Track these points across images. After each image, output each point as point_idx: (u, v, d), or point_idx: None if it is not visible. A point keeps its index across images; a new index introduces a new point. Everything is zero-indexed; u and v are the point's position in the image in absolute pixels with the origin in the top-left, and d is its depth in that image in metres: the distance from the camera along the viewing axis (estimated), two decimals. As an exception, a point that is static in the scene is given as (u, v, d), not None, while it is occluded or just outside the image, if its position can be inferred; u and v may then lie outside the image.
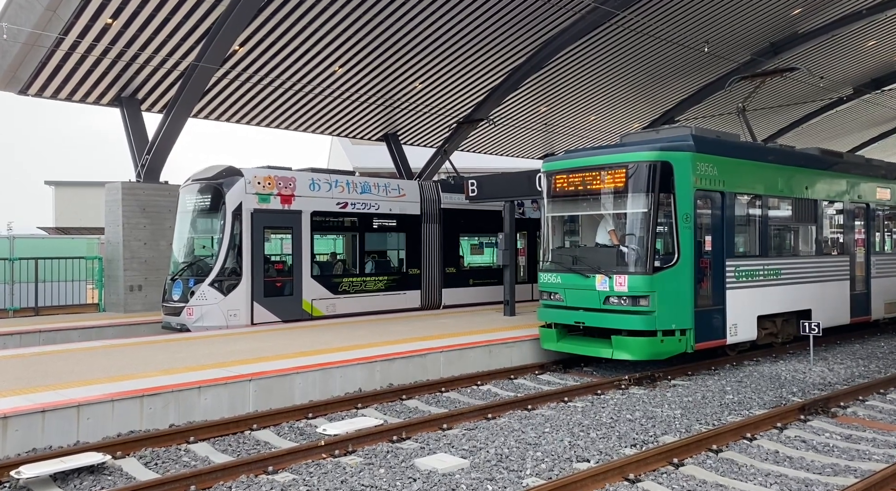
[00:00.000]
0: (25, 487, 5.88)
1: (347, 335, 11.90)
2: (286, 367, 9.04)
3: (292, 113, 21.16)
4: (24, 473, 5.82)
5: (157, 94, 17.60)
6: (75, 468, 6.12)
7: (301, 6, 15.83)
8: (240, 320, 13.32)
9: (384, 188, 16.03)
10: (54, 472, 5.99)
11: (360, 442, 7.01)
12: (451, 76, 20.88)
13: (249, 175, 13.63)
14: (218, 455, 6.84)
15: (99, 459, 6.25)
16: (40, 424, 6.85)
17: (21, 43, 14.17)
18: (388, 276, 16.14)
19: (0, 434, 6.59)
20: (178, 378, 8.32)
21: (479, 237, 19.16)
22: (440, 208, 17.16)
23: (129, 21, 14.52)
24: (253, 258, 13.47)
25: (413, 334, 12.00)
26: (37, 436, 6.81)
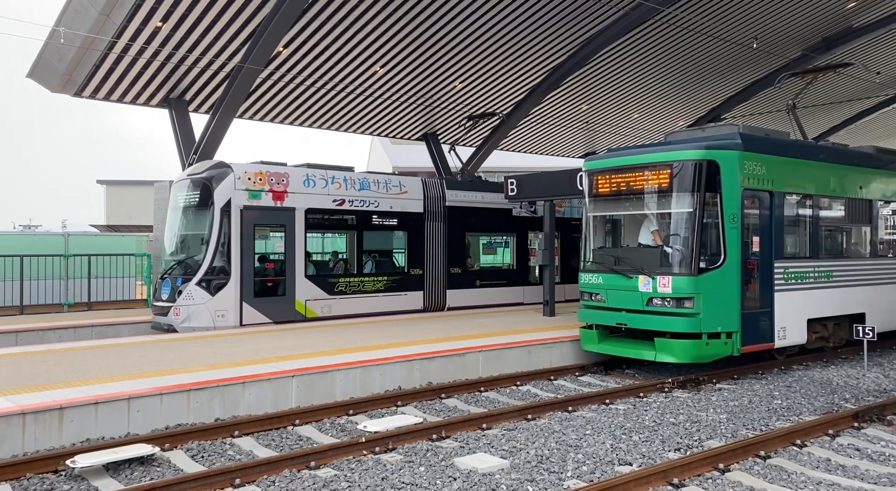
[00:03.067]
0: (80, 476, 6.08)
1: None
2: (328, 363, 9.15)
3: (334, 113, 21.38)
4: (79, 463, 6.03)
5: (204, 95, 17.99)
6: (126, 459, 6.31)
7: (343, 8, 15.98)
8: (228, 321, 12.82)
9: (384, 185, 15.41)
10: (107, 462, 6.19)
11: (401, 440, 7.04)
12: (490, 75, 20.81)
13: (239, 170, 13.19)
14: (261, 449, 6.97)
15: (148, 451, 6.43)
16: (94, 415, 7.08)
17: (76, 47, 14.66)
18: (389, 276, 15.47)
19: (57, 424, 6.83)
20: (224, 373, 8.49)
21: (487, 236, 18.42)
22: (445, 206, 16.46)
23: (178, 24, 14.88)
24: (242, 257, 12.98)
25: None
26: (90, 427, 7.04)
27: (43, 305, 16.48)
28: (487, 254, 18.73)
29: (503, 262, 18.72)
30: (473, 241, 18.02)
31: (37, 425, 6.71)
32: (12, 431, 6.56)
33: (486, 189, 17.45)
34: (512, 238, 18.12)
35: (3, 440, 6.50)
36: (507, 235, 18.30)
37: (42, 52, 15.19)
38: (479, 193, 17.20)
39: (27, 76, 15.70)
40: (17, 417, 6.60)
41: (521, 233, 18.06)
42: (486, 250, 18.64)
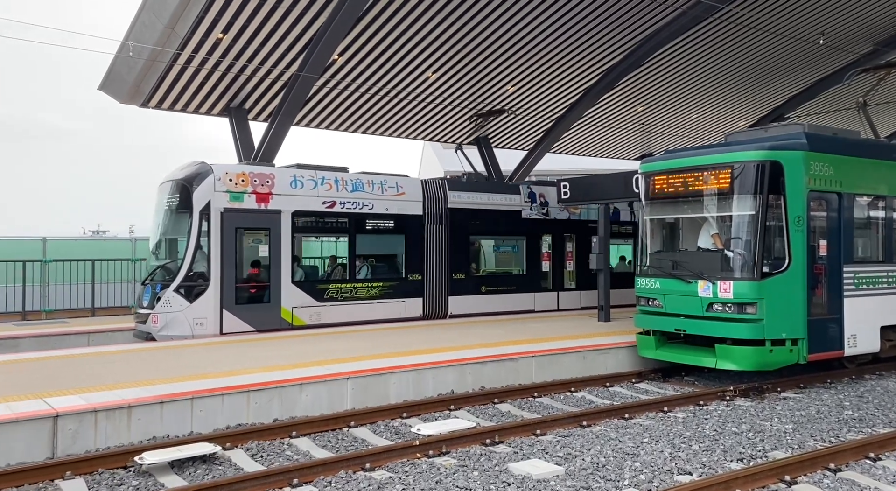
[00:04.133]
0: (147, 473, 6.32)
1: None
2: (382, 366, 9.24)
3: (387, 119, 21.64)
4: (147, 459, 6.27)
5: (263, 104, 18.49)
6: (190, 457, 6.52)
7: (396, 15, 16.18)
8: (207, 330, 12.25)
9: (380, 186, 14.61)
10: (172, 459, 6.41)
11: (454, 444, 7.04)
12: (543, 78, 20.67)
13: (220, 171, 12.63)
14: (318, 450, 7.09)
15: (210, 450, 6.63)
16: (159, 413, 7.35)
17: (143, 59, 15.31)
18: (384, 282, 14.66)
19: (126, 422, 7.13)
20: (282, 375, 8.68)
21: (494, 239, 17.35)
22: (447, 208, 15.54)
23: (238, 35, 15.35)
24: (223, 262, 12.38)
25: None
26: (156, 425, 7.32)
27: (113, 307, 17.23)
28: (494, 258, 17.59)
29: (512, 267, 17.58)
30: (479, 244, 17.05)
31: (108, 422, 7.02)
32: (85, 427, 6.88)
33: (493, 190, 16.61)
34: (522, 242, 17.07)
35: (78, 436, 6.82)
36: (516, 239, 17.20)
37: (112, 66, 15.92)
38: (484, 194, 16.24)
39: (99, 89, 16.48)
40: (90, 415, 6.92)
41: (533, 236, 17.03)
42: (492, 255, 17.52)
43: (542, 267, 17.09)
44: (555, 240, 17.26)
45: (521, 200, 16.66)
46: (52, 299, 16.31)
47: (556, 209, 17.05)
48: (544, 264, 17.11)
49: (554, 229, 17.22)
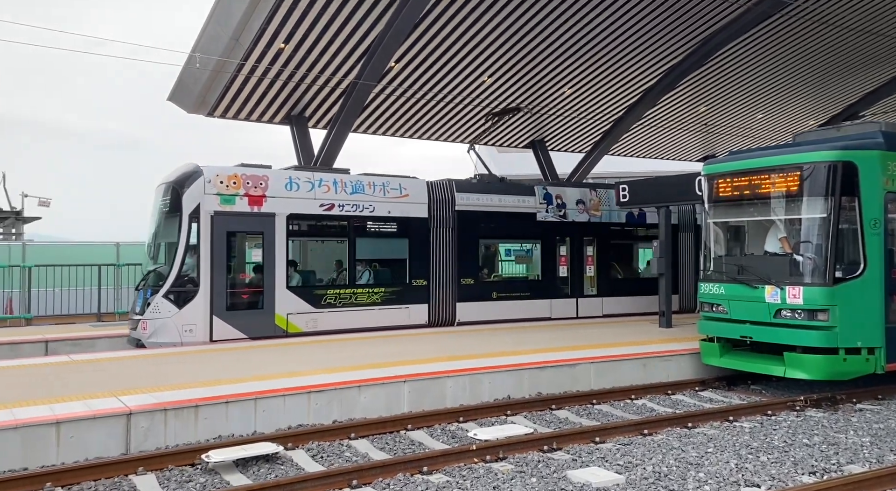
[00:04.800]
0: (214, 470, 6.53)
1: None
2: (438, 370, 9.27)
3: (442, 124, 21.78)
4: (213, 458, 6.48)
5: (322, 112, 18.91)
6: (254, 456, 6.70)
7: (452, 21, 16.27)
8: (196, 337, 11.86)
9: (381, 188, 13.96)
10: (237, 458, 6.60)
11: (511, 449, 7.00)
12: (601, 79, 20.39)
13: (210, 173, 12.22)
14: (376, 452, 7.17)
15: (273, 449, 6.80)
16: (224, 413, 7.59)
17: (209, 70, 15.91)
18: (386, 287, 13.98)
19: (193, 420, 7.39)
20: (340, 377, 8.82)
21: (507, 243, 16.66)
22: (454, 211, 14.76)
23: (299, 45, 15.76)
24: (213, 267, 11.98)
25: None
26: (221, 424, 7.55)
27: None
28: (507, 263, 16.86)
29: (526, 272, 16.85)
30: (490, 248, 16.41)
31: (177, 421, 7.29)
32: (156, 425, 7.16)
33: (505, 191, 15.78)
34: (537, 245, 16.26)
35: (149, 433, 7.11)
36: (531, 242, 16.46)
37: (180, 77, 16.59)
38: (496, 196, 15.42)
39: (168, 99, 17.20)
40: (161, 413, 7.21)
41: (549, 239, 16.09)
42: (505, 259, 16.80)
43: (560, 272, 16.21)
44: (573, 243, 16.34)
45: (535, 202, 15.81)
46: (124, 301, 17.06)
47: (574, 211, 16.32)
48: (561, 269, 16.23)
49: (572, 232, 16.33)
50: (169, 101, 17.20)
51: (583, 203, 16.39)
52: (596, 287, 16.57)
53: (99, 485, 6.12)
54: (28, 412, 6.85)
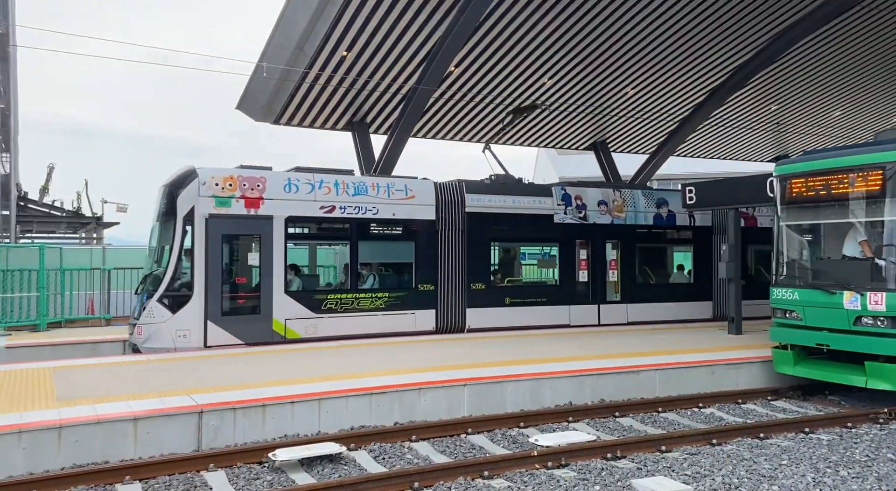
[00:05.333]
0: (280, 469, 6.71)
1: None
2: (498, 374, 9.23)
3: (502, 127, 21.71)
4: (279, 456, 6.65)
5: (383, 117, 19.19)
6: (318, 456, 6.84)
7: (511, 24, 16.24)
8: (190, 342, 11.60)
9: (386, 189, 13.46)
10: (301, 457, 6.76)
11: (573, 456, 6.90)
12: (667, 78, 19.89)
13: (205, 176, 12.01)
14: (437, 455, 7.19)
15: (336, 450, 6.93)
16: (290, 413, 7.78)
17: (275, 79, 16.40)
18: (391, 292, 13.52)
19: (260, 420, 7.61)
20: (401, 379, 8.90)
21: (521, 246, 15.84)
22: (464, 212, 14.16)
23: (361, 52, 16.06)
24: (208, 271, 11.74)
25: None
26: (287, 423, 7.75)
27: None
28: (521, 267, 16.07)
29: (543, 276, 16.18)
30: (502, 252, 15.70)
31: (245, 419, 7.52)
32: (226, 423, 7.41)
33: (520, 192, 15.03)
34: (555, 249, 15.53)
35: (219, 431, 7.36)
36: (548, 245, 15.76)
37: (248, 86, 17.17)
38: (509, 197, 14.70)
39: (236, 108, 17.83)
40: (230, 412, 7.45)
41: (567, 243, 15.30)
42: (519, 263, 15.99)
43: (580, 277, 15.35)
44: (595, 247, 15.50)
45: (553, 203, 15.04)
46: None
47: (595, 213, 15.49)
48: (581, 274, 15.35)
49: (594, 235, 15.49)
50: (237, 109, 17.82)
51: (605, 204, 15.58)
52: (620, 293, 15.73)
53: (173, 480, 6.38)
54: (108, 408, 7.22)
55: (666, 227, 16.42)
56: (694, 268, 16.71)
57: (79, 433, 6.70)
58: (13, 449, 6.42)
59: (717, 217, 16.63)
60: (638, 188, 16.51)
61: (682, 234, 16.58)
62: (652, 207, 16.10)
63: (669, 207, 16.21)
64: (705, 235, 16.58)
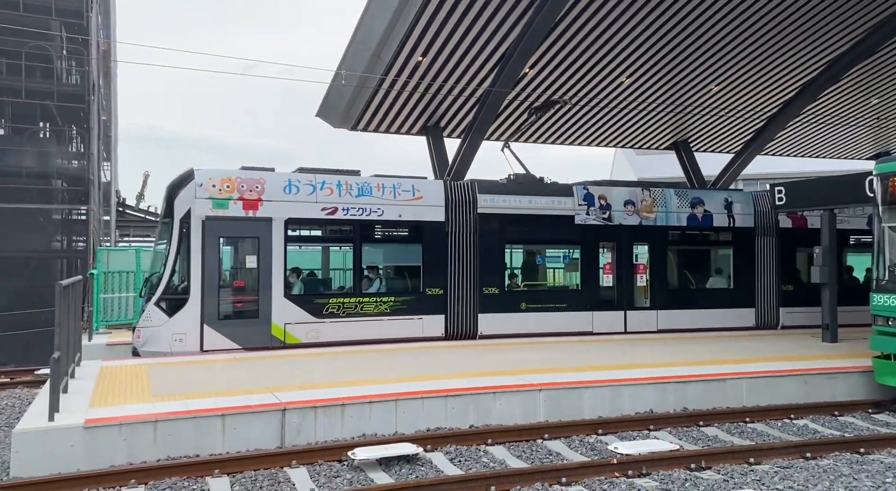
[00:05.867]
0: (359, 467, 6.84)
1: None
2: (575, 380, 9.08)
3: (578, 128, 21.38)
4: (358, 455, 6.79)
5: (457, 121, 19.28)
6: (395, 456, 6.93)
7: (590, 22, 15.95)
8: (186, 346, 11.47)
9: (391, 190, 13.05)
10: (380, 457, 6.87)
11: (655, 465, 6.69)
12: (753, 74, 19.01)
13: (202, 177, 11.85)
14: (513, 459, 7.14)
15: (413, 450, 7.00)
16: (368, 413, 7.93)
17: (353, 86, 16.79)
18: (397, 296, 13.06)
19: (339, 418, 7.79)
20: (476, 382, 8.90)
21: (539, 249, 14.95)
22: (476, 213, 13.63)
23: (436, 56, 16.20)
24: (204, 274, 11.58)
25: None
26: (365, 423, 7.89)
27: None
28: (538, 271, 15.15)
29: (563, 280, 15.29)
30: (518, 255, 14.94)
31: (325, 418, 7.72)
32: (307, 421, 7.63)
33: (538, 192, 14.33)
34: (575, 251, 14.75)
35: (301, 429, 7.59)
36: (567, 248, 14.94)
37: (327, 94, 17.66)
38: (525, 197, 14.08)
39: (316, 115, 18.36)
40: (311, 410, 7.67)
41: (590, 244, 14.54)
42: (536, 266, 15.12)
43: (604, 281, 14.63)
44: (620, 249, 14.70)
45: (573, 204, 14.35)
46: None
47: (621, 213, 14.64)
48: (606, 278, 14.63)
49: (619, 237, 14.68)
50: (317, 117, 18.36)
51: (632, 204, 14.74)
52: (649, 299, 14.85)
53: (258, 475, 6.62)
54: (198, 404, 7.58)
55: (702, 229, 15.42)
56: (733, 272, 15.73)
57: (172, 427, 7.07)
58: (114, 440, 6.84)
59: (759, 217, 15.69)
60: (669, 188, 15.68)
61: (720, 236, 15.66)
62: (686, 207, 15.26)
63: (706, 207, 15.36)
64: (746, 237, 15.62)
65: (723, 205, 15.49)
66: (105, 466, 6.66)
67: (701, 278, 15.93)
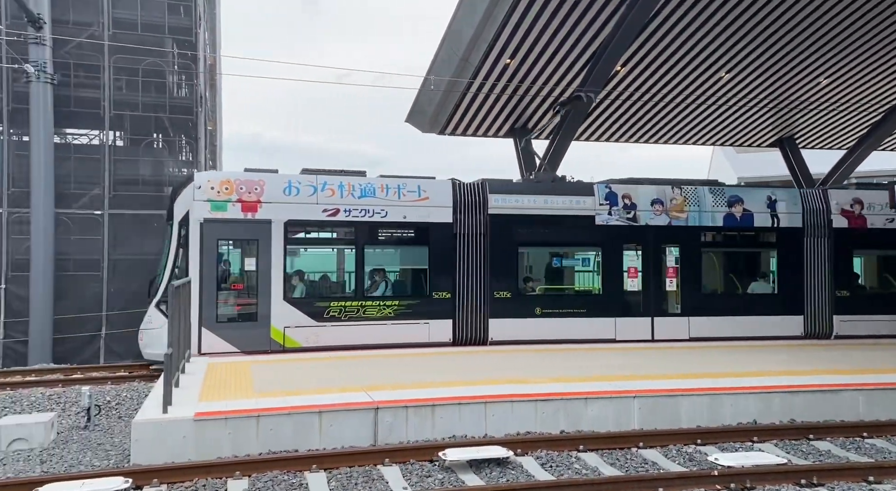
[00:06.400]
0: (449, 468, 6.89)
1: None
2: (671, 387, 8.75)
3: (672, 126, 20.67)
4: (449, 456, 6.85)
5: (545, 122, 19.11)
6: (486, 458, 6.93)
7: (684, 18, 15.38)
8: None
9: (396, 191, 12.73)
10: (470, 459, 6.89)
11: (760, 479, 6.35)
12: (868, 65, 17.69)
13: (201, 179, 11.86)
14: (606, 467, 6.98)
15: (504, 454, 6.98)
16: (458, 414, 7.97)
17: (442, 90, 17.00)
18: (401, 300, 12.71)
19: (430, 419, 7.88)
20: (567, 387, 8.76)
21: (554, 251, 14.09)
22: (487, 214, 13.16)
23: (524, 58, 16.13)
24: (202, 276, 11.55)
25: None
26: (455, 424, 7.94)
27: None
28: (555, 274, 14.32)
29: (582, 284, 14.43)
30: (532, 257, 14.21)
31: (416, 418, 7.83)
32: (399, 421, 7.77)
33: (555, 191, 13.67)
34: (596, 253, 13.93)
35: (393, 428, 7.74)
36: (587, 250, 14.07)
37: (416, 99, 17.97)
38: (540, 197, 13.49)
39: (406, 121, 18.72)
40: (402, 410, 7.80)
41: (612, 247, 13.76)
42: (552, 269, 14.27)
43: (628, 285, 13.81)
44: (647, 251, 13.85)
45: (594, 203, 13.64)
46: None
47: (647, 213, 13.82)
48: (630, 282, 13.79)
49: (646, 238, 13.84)
50: (406, 122, 18.72)
51: (660, 203, 13.88)
52: (680, 305, 13.90)
53: (353, 471, 6.80)
54: (297, 401, 7.88)
55: (740, 229, 14.28)
56: (778, 276, 14.53)
57: (273, 422, 7.39)
58: (221, 433, 7.24)
59: (809, 217, 14.44)
60: (704, 185, 14.60)
61: (762, 237, 14.46)
62: (721, 206, 14.19)
63: (745, 206, 14.24)
64: (793, 238, 14.39)
65: (765, 203, 14.41)
66: (212, 457, 7.05)
67: (740, 283, 14.81)
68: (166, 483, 6.44)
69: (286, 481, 6.50)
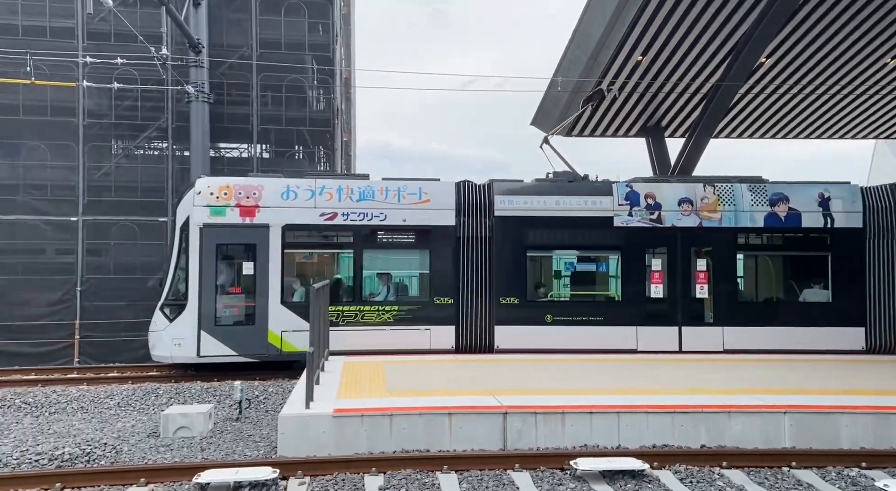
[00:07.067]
0: (581, 477, 6.73)
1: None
2: (829, 403, 7.99)
3: (826, 120, 18.97)
4: (581, 465, 6.69)
5: (680, 120, 18.24)
6: (620, 470, 6.70)
7: (840, 2, 14.07)
8: (185, 351, 11.81)
9: (396, 193, 12.51)
10: (603, 469, 6.69)
11: (940, 514, 5.61)
12: None
13: (201, 185, 12.13)
14: (753, 486, 6.52)
15: (639, 466, 6.70)
16: (589, 423, 7.76)
17: (569, 92, 16.73)
18: (402, 305, 12.50)
19: (560, 426, 7.74)
20: (707, 399, 8.26)
21: (568, 255, 13.26)
22: (493, 217, 12.63)
23: (658, 54, 15.50)
24: (202, 280, 11.85)
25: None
26: (586, 433, 7.74)
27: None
28: (568, 279, 13.45)
29: (598, 290, 13.33)
30: (543, 261, 13.37)
31: (545, 425, 7.72)
32: (528, 426, 7.70)
33: (569, 192, 12.83)
34: (614, 258, 12.97)
35: (522, 434, 7.69)
36: (605, 254, 13.12)
37: (542, 102, 17.83)
38: (552, 198, 12.75)
39: (531, 124, 18.63)
40: (531, 416, 7.73)
41: (633, 250, 12.77)
42: (565, 274, 13.42)
43: (652, 292, 12.79)
44: (673, 255, 12.79)
45: (612, 204, 12.74)
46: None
47: (674, 214, 12.72)
48: (654, 288, 12.77)
49: (672, 241, 12.78)
50: (532, 125, 18.62)
51: (689, 202, 12.75)
52: (713, 313, 12.74)
53: (483, 474, 6.83)
54: (428, 401, 8.05)
55: (785, 231, 12.84)
56: (833, 283, 12.75)
57: (406, 422, 7.59)
58: (357, 430, 7.55)
59: (872, 216, 12.60)
60: (742, 183, 12.93)
61: (812, 239, 12.81)
62: (762, 205, 12.69)
63: (790, 205, 12.64)
64: (852, 240, 12.67)
65: (816, 201, 12.81)
66: (349, 452, 7.37)
67: (786, 290, 13.31)
68: (309, 475, 6.82)
69: (419, 480, 6.65)
